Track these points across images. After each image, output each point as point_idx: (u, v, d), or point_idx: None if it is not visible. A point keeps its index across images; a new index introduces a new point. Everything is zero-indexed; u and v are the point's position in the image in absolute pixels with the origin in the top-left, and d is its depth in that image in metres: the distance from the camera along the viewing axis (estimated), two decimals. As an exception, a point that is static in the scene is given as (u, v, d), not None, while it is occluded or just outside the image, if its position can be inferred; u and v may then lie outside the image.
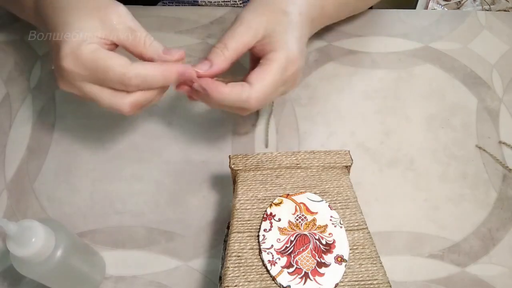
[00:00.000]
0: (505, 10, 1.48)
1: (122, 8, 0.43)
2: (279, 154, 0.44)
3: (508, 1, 1.49)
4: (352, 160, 0.44)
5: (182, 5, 0.66)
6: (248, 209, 0.41)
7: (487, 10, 1.47)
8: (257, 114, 0.57)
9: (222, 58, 0.44)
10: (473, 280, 0.47)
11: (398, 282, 0.47)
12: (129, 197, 0.52)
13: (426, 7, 1.24)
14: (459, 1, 1.47)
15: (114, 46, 0.44)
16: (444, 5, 1.46)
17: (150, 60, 0.43)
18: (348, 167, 0.45)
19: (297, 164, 0.43)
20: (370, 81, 0.59)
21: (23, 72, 0.60)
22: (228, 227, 0.46)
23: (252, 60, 0.50)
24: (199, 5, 0.65)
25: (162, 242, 0.49)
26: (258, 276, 0.37)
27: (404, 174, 0.53)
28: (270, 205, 0.41)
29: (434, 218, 0.51)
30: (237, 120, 0.56)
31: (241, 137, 0.55)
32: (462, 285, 0.47)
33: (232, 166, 0.44)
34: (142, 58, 0.44)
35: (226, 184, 0.52)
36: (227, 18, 0.64)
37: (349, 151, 0.45)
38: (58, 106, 0.58)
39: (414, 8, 1.12)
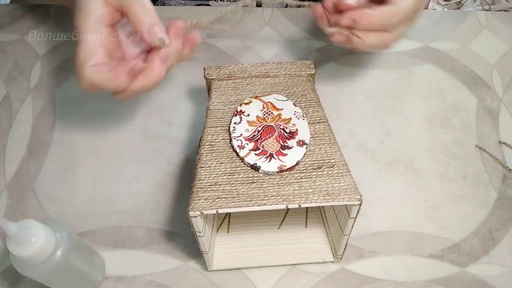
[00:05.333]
0: (505, 10, 1.48)
1: None
2: (249, 65, 0.48)
3: (508, 1, 1.49)
4: (315, 68, 0.48)
5: (194, 5, 0.65)
6: (220, 109, 0.45)
7: (487, 10, 1.47)
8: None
9: None
10: (473, 280, 0.47)
11: (398, 282, 0.47)
12: (129, 197, 0.52)
13: (426, 7, 1.24)
14: (459, 1, 1.47)
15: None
16: (444, 5, 1.46)
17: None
18: (312, 75, 0.48)
19: (266, 73, 0.48)
20: (370, 81, 0.59)
21: (23, 72, 0.60)
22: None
23: None
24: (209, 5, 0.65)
25: (162, 242, 0.49)
26: (228, 159, 0.41)
27: (404, 174, 0.53)
28: (241, 104, 0.45)
29: (434, 218, 0.51)
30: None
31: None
32: (462, 285, 0.47)
33: (207, 76, 0.48)
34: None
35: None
36: (227, 18, 0.64)
37: (313, 61, 0.49)
38: (58, 106, 0.58)
39: (414, 8, 1.12)
